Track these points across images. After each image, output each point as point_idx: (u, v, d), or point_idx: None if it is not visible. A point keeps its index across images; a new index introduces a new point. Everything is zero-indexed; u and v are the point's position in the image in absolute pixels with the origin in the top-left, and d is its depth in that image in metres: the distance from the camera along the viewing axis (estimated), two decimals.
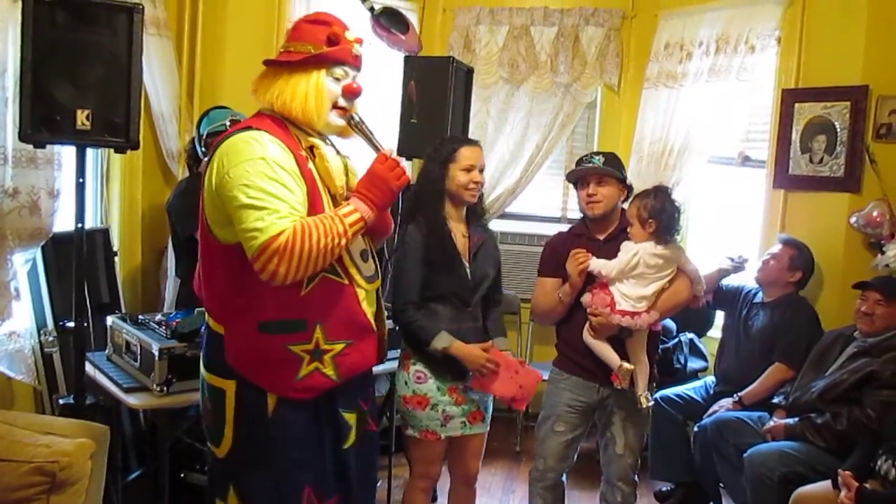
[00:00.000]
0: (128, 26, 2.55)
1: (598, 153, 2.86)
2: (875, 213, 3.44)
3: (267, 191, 1.82)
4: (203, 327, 2.12)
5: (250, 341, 1.96)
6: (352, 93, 2.04)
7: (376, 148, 2.08)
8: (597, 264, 2.70)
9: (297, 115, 1.99)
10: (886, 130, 3.53)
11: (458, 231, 2.70)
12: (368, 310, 2.07)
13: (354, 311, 2.03)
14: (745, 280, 3.82)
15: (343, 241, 1.90)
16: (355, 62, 2.06)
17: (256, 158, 1.85)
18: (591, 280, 2.74)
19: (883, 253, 3.39)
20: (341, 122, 2.06)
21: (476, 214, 2.78)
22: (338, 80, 2.02)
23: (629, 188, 2.86)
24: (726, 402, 3.50)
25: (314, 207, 1.94)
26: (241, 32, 4.00)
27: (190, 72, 3.97)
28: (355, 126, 2.09)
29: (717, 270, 3.72)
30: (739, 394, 3.47)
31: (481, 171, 2.68)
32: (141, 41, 2.59)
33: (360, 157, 2.17)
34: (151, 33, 3.64)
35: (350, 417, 2.11)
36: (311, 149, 2.02)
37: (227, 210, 1.87)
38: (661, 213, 2.67)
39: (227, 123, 3.05)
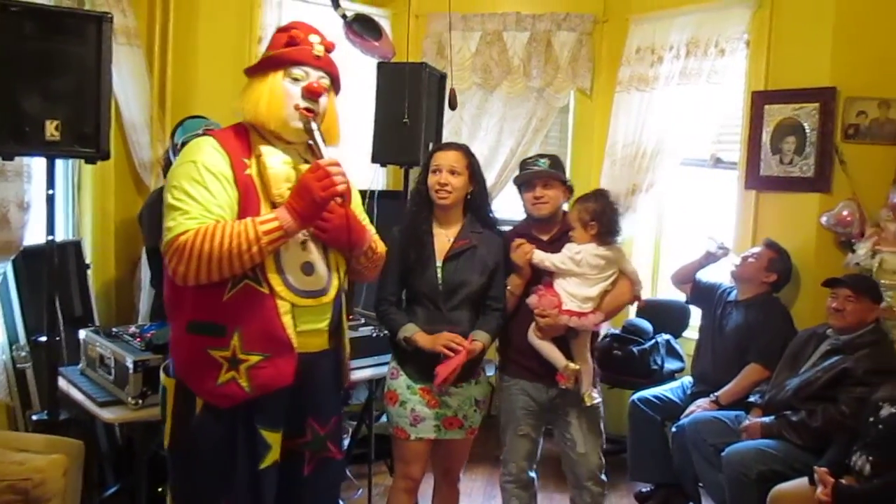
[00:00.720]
0: (97, 35, 2.53)
1: (542, 156, 2.92)
2: (845, 213, 3.49)
3: (188, 192, 1.87)
4: None
5: (181, 340, 2.00)
6: (311, 92, 1.99)
7: (318, 156, 2.02)
8: (541, 255, 2.75)
9: (260, 119, 1.99)
10: (854, 131, 3.59)
11: (443, 234, 2.72)
12: (290, 325, 1.98)
13: (273, 323, 1.96)
14: (722, 278, 3.86)
15: (254, 248, 1.85)
16: (318, 63, 2.02)
17: (188, 162, 1.91)
18: (536, 278, 2.78)
19: (854, 251, 3.45)
20: (300, 124, 2.00)
21: (475, 220, 2.77)
22: (297, 80, 1.99)
23: (571, 190, 2.91)
24: (703, 402, 3.52)
25: (247, 213, 1.92)
26: (213, 41, 3.97)
27: (161, 81, 3.92)
28: (307, 131, 2.02)
29: (704, 254, 3.77)
30: (716, 394, 3.50)
31: (452, 172, 2.67)
32: (110, 50, 2.57)
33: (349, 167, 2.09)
34: (121, 42, 3.60)
35: (270, 436, 2.00)
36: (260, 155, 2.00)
37: None
38: (602, 216, 2.75)
39: (202, 133, 3.02)
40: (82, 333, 2.95)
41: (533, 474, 2.97)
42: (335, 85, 2.12)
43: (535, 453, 2.95)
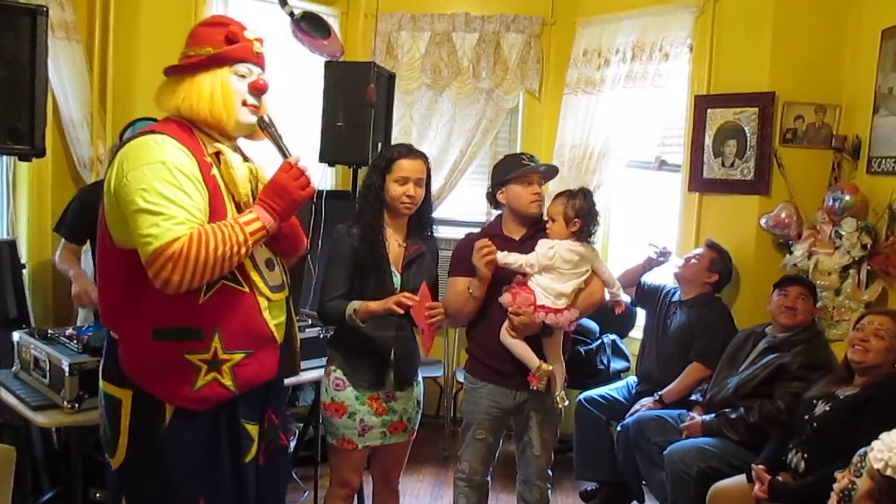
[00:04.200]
0: (31, 29, 2.45)
1: (532, 156, 2.89)
2: (783, 215, 3.58)
3: (165, 195, 1.78)
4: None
5: (145, 349, 1.90)
6: (258, 89, 2.00)
7: (283, 154, 2.04)
8: (512, 257, 2.72)
9: (206, 116, 1.95)
10: (792, 135, 3.69)
11: (394, 240, 2.67)
12: (271, 320, 2.02)
13: (255, 320, 1.98)
14: (665, 279, 3.93)
15: (242, 250, 1.86)
16: (258, 60, 2.03)
17: (156, 162, 1.81)
18: (506, 279, 2.77)
19: (791, 253, 3.54)
20: (252, 119, 2.01)
21: (420, 225, 2.74)
22: (242, 77, 1.99)
23: None
24: (647, 400, 3.58)
25: (216, 214, 1.89)
26: (156, 36, 3.88)
27: (102, 77, 3.83)
28: (265, 128, 2.04)
29: (645, 260, 3.83)
30: (660, 393, 3.56)
31: (419, 184, 2.62)
32: (46, 44, 2.49)
33: (270, 163, 2.11)
34: (60, 37, 3.51)
35: (252, 429, 2.05)
36: (217, 155, 1.97)
37: (124, 213, 1.82)
38: (587, 215, 2.74)
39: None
40: (16, 335, 2.85)
41: (487, 478, 2.97)
42: None
43: (491, 458, 2.93)
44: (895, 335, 2.63)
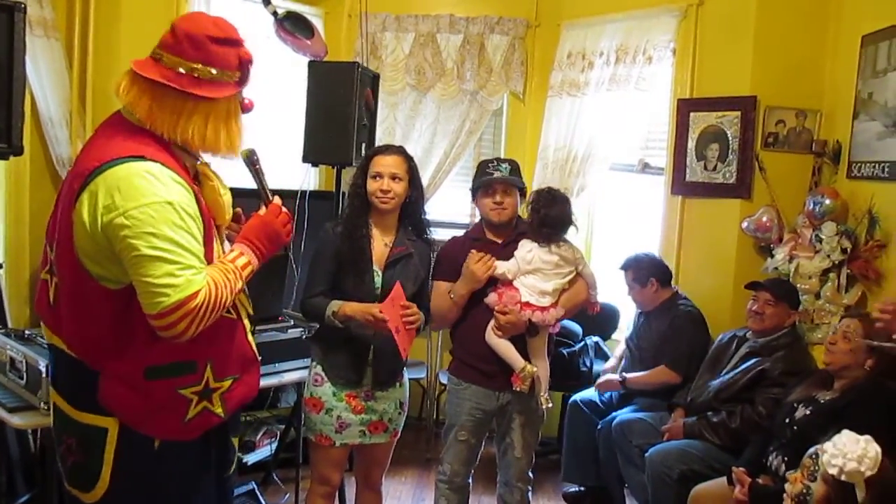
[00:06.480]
0: (9, 26, 2.41)
1: (503, 160, 2.90)
2: (765, 219, 3.60)
3: (175, 241, 1.64)
4: (55, 357, 1.88)
5: (134, 387, 1.76)
6: (246, 110, 1.90)
7: (265, 192, 1.98)
8: (500, 265, 2.74)
9: (218, 148, 1.81)
10: (773, 139, 3.71)
11: (380, 239, 2.68)
12: (253, 341, 1.99)
13: (243, 346, 1.94)
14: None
15: (237, 295, 1.84)
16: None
17: (162, 202, 1.64)
18: (490, 281, 2.78)
19: (772, 256, 3.56)
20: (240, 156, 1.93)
21: (413, 227, 2.75)
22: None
23: (524, 195, 2.93)
24: (612, 376, 3.68)
25: (207, 244, 1.79)
26: (136, 35, 3.83)
27: (81, 75, 3.78)
28: (253, 164, 1.98)
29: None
30: (625, 374, 3.64)
31: (394, 178, 2.63)
32: (23, 42, 2.45)
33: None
34: (38, 35, 3.47)
35: (235, 442, 2.04)
36: (197, 175, 1.85)
37: (111, 251, 1.67)
38: (542, 219, 2.78)
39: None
40: None
41: (469, 480, 2.97)
42: None
43: (472, 460, 2.94)
44: (862, 337, 2.65)
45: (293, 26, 3.84)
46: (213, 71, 1.76)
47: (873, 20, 3.23)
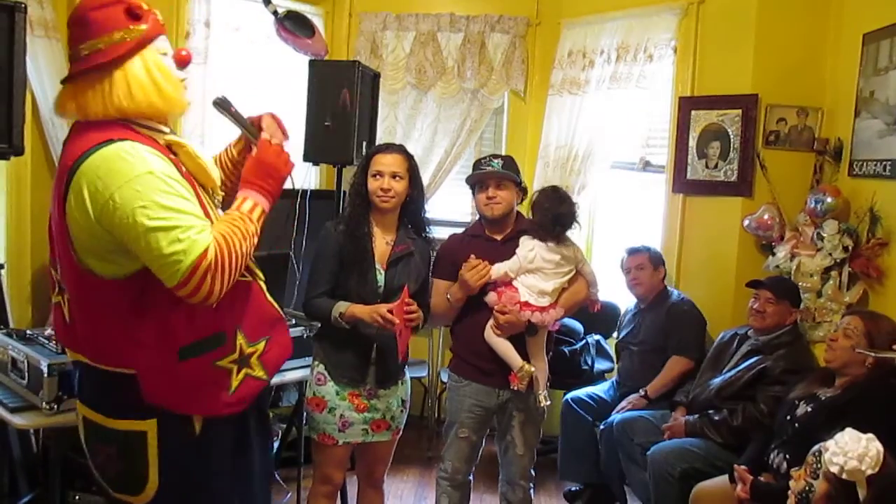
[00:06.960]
0: (9, 26, 2.43)
1: (496, 156, 2.91)
2: (766, 217, 3.60)
3: (169, 207, 1.63)
4: (81, 373, 1.88)
5: (172, 373, 1.76)
6: (184, 61, 1.84)
7: (249, 131, 1.95)
8: (499, 268, 2.73)
9: (158, 106, 1.77)
10: (775, 137, 3.71)
11: (382, 237, 2.68)
12: (273, 300, 1.99)
13: (264, 305, 1.94)
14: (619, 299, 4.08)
15: (255, 241, 1.81)
16: (164, 29, 1.83)
17: (142, 174, 1.63)
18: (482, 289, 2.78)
19: (773, 254, 3.56)
20: (187, 97, 1.85)
21: (413, 225, 2.76)
22: (164, 54, 1.80)
23: (524, 191, 2.92)
24: (633, 397, 3.60)
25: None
26: None
27: None
28: (226, 108, 1.93)
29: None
30: (645, 388, 3.58)
31: (394, 177, 2.64)
32: (24, 42, 2.46)
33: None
34: (39, 35, 3.47)
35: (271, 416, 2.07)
36: (170, 147, 1.80)
37: (113, 240, 1.66)
38: (544, 215, 2.78)
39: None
40: None
41: (470, 477, 2.97)
42: None
43: (473, 457, 2.95)
44: (862, 334, 2.65)
45: (294, 26, 3.85)
46: (111, 37, 1.71)
47: (875, 18, 3.23)
